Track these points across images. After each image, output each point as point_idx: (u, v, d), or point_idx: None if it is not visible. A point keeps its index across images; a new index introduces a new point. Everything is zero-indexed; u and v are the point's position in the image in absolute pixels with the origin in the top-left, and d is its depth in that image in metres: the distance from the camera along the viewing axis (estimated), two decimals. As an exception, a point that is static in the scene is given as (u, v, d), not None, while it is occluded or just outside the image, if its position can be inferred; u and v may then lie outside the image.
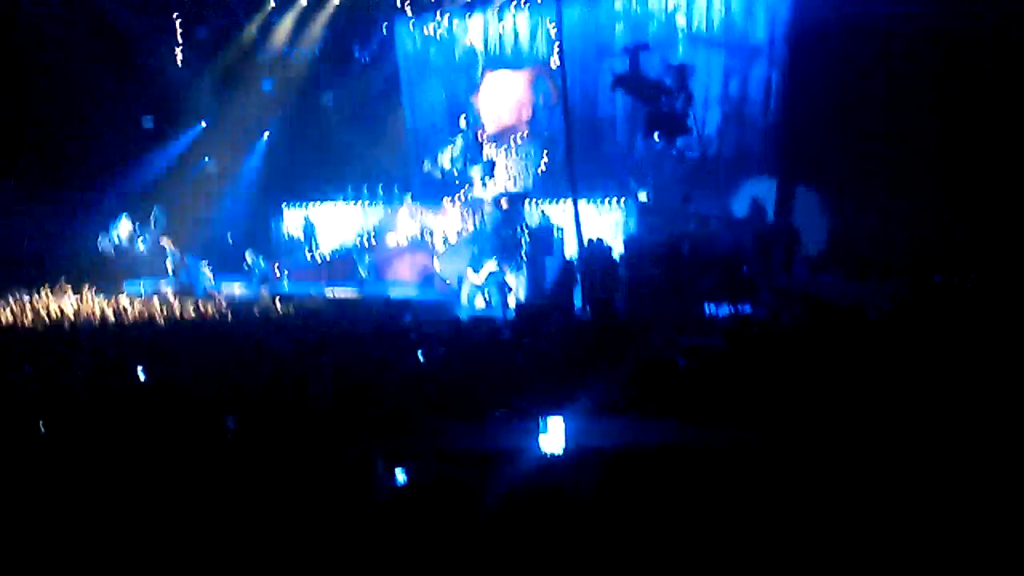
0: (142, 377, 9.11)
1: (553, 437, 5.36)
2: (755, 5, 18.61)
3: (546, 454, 5.30)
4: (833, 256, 16.29)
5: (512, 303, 16.48)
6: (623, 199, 18.92)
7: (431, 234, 20.66)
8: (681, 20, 19.37)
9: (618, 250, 16.45)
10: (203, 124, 23.78)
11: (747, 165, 18.73)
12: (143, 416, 7.21)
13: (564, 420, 5.53)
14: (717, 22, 19.09)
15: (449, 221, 20.60)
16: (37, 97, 20.81)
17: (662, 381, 8.24)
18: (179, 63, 22.62)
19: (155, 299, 17.01)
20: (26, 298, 17.22)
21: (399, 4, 22.40)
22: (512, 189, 20.45)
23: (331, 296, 17.98)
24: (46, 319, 15.19)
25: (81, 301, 16.69)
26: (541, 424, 5.43)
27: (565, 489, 4.90)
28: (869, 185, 16.29)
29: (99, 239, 21.51)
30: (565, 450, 5.32)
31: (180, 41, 22.42)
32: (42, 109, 20.90)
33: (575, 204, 16.68)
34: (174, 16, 22.06)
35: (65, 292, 17.79)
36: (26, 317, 15.49)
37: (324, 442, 5.99)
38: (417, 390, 8.14)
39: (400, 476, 5.10)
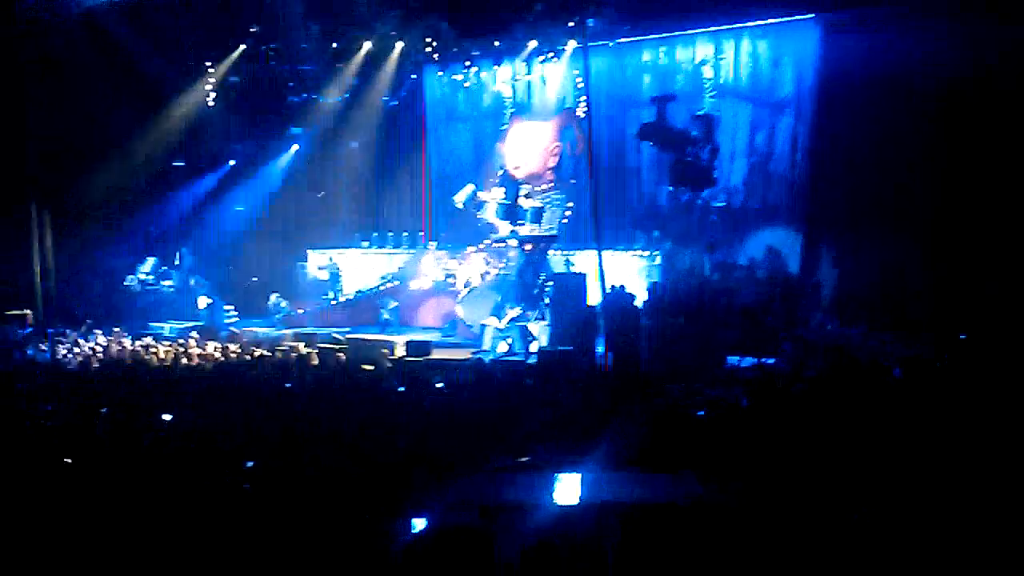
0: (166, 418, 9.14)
1: (569, 489, 5.31)
2: (781, 60, 18.68)
3: (561, 506, 5.25)
4: (857, 308, 16.13)
5: (534, 349, 16.45)
6: (647, 247, 18.91)
7: (455, 279, 20.69)
8: (708, 72, 19.48)
9: (641, 298, 16.39)
10: (231, 163, 24.05)
11: (772, 216, 18.69)
12: (161, 461, 7.21)
13: (582, 472, 5.48)
14: (744, 75, 19.18)
15: (473, 266, 20.63)
16: (68, 136, 21.08)
17: (683, 434, 8.13)
18: (209, 104, 22.89)
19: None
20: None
21: (428, 52, 22.62)
22: (537, 235, 20.48)
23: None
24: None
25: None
26: (557, 476, 5.39)
27: (580, 543, 4.84)
28: (895, 238, 16.19)
29: (127, 279, 21.76)
30: (581, 503, 5.26)
31: (211, 83, 22.69)
32: (72, 148, 21.18)
33: (599, 252, 16.68)
34: (204, 59, 22.34)
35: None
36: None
37: (340, 490, 5.96)
38: (435, 436, 8.10)
39: (416, 525, 5.06)
